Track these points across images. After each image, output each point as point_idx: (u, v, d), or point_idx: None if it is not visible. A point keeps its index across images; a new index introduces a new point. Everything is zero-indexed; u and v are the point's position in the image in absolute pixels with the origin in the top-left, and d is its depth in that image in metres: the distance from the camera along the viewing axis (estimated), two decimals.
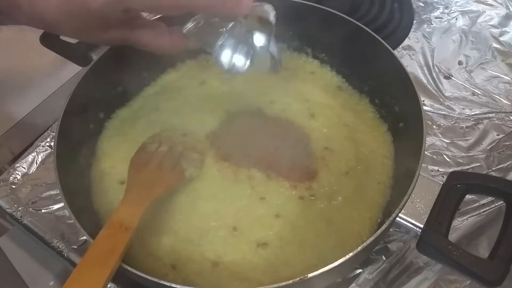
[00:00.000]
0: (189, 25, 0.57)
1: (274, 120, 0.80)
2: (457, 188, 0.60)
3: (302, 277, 0.53)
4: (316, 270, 0.54)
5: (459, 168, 0.83)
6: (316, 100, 0.83)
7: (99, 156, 0.78)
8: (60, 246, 0.75)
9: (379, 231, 0.56)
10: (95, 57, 0.80)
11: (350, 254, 0.54)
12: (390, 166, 0.74)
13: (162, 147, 0.73)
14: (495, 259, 0.54)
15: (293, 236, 0.66)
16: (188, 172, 0.71)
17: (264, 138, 0.78)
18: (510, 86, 0.95)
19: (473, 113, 0.91)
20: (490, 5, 1.08)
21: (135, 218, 0.59)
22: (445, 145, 0.86)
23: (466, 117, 0.90)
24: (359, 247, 0.55)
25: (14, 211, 0.80)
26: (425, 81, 0.96)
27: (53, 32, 0.50)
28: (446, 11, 1.08)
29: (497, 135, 0.88)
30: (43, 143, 0.88)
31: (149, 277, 0.54)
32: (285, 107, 0.82)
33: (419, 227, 0.58)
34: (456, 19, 1.07)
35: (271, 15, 0.62)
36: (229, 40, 0.59)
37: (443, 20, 1.07)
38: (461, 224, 0.76)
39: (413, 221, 0.59)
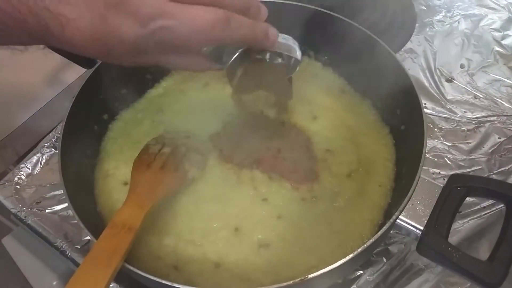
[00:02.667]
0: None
1: (276, 122, 0.81)
2: (457, 190, 0.60)
3: (302, 278, 0.53)
4: (318, 269, 0.54)
5: (460, 171, 0.84)
6: (319, 102, 0.84)
7: (103, 157, 0.79)
8: (63, 246, 0.76)
9: (379, 233, 0.57)
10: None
11: (350, 256, 0.55)
12: (391, 168, 0.74)
13: (165, 148, 0.73)
14: (494, 261, 0.54)
15: (294, 237, 0.67)
16: (191, 174, 0.71)
17: (267, 140, 0.78)
18: None
19: (474, 116, 0.91)
20: (493, 8, 1.09)
21: (138, 218, 0.59)
22: (447, 148, 0.87)
23: (467, 120, 0.91)
24: (359, 249, 0.55)
25: (18, 211, 0.80)
26: (427, 84, 0.97)
27: (84, 54, 0.51)
28: (448, 14, 1.09)
29: (499, 138, 0.88)
30: (47, 144, 0.89)
31: (151, 277, 0.55)
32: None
33: (419, 229, 0.59)
34: (458, 22, 1.07)
35: (297, 54, 0.63)
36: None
37: (445, 23, 1.07)
38: (462, 227, 0.77)
39: (413, 223, 0.60)
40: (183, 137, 0.78)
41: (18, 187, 0.84)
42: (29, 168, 0.86)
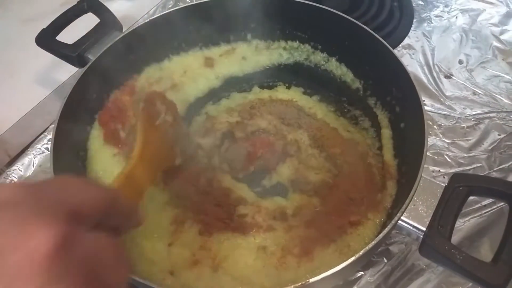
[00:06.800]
0: None
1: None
2: (459, 190, 0.59)
3: (303, 282, 0.52)
4: (319, 272, 0.53)
5: (460, 169, 0.82)
6: None
7: (91, 156, 0.76)
8: None
9: (381, 235, 0.56)
10: (91, 58, 0.79)
11: (352, 258, 0.54)
12: (393, 167, 0.73)
13: (167, 115, 0.68)
14: (499, 263, 0.53)
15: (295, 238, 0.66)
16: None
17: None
18: (511, 85, 0.94)
19: (474, 112, 0.90)
20: (490, 3, 1.07)
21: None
22: (446, 146, 0.86)
23: (467, 117, 0.89)
24: (361, 251, 0.54)
25: None
26: (425, 80, 0.95)
27: None
28: (446, 9, 1.07)
29: (498, 135, 0.87)
30: (39, 146, 0.87)
31: (145, 282, 0.53)
32: None
33: (422, 231, 0.57)
34: (456, 17, 1.06)
35: None
36: None
37: (443, 18, 1.06)
38: (462, 226, 0.76)
39: (415, 224, 0.58)
40: None
41: None
42: (21, 170, 0.84)
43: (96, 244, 0.33)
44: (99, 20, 0.84)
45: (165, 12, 0.85)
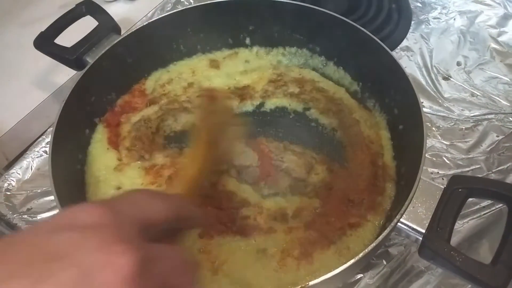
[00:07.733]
0: None
1: None
2: (458, 192, 0.59)
3: (303, 285, 0.52)
4: (319, 275, 0.53)
5: (459, 170, 0.83)
6: None
7: (91, 161, 0.76)
8: None
9: (380, 237, 0.56)
10: (90, 61, 0.79)
11: (352, 261, 0.54)
12: (392, 169, 0.73)
13: None
14: (498, 264, 0.53)
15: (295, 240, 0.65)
16: None
17: None
18: (509, 87, 0.94)
19: (472, 114, 0.90)
20: (488, 5, 1.08)
21: None
22: (445, 147, 0.86)
23: (465, 119, 0.90)
24: (361, 254, 0.54)
25: (9, 218, 0.78)
26: (423, 82, 0.95)
27: None
28: (444, 11, 1.08)
29: (497, 136, 0.87)
30: (37, 149, 0.87)
31: None
32: None
33: (421, 233, 0.57)
34: (454, 19, 1.06)
35: None
36: None
37: (441, 20, 1.06)
38: (461, 227, 0.76)
39: (414, 226, 0.58)
40: None
41: (8, 193, 0.81)
42: (19, 174, 0.84)
43: (167, 258, 0.37)
44: (97, 23, 0.84)
45: (163, 15, 0.85)
